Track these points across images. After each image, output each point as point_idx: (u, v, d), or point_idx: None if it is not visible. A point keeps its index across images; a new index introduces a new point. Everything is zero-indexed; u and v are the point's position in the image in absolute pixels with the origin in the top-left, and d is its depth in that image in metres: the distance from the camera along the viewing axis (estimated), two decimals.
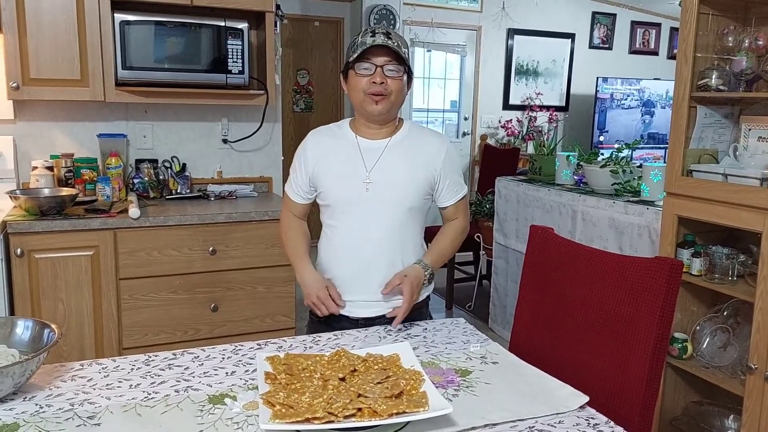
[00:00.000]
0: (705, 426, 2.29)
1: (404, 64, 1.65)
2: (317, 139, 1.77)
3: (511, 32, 6.17)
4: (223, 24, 2.76)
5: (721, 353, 2.24)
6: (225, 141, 3.20)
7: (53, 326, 1.33)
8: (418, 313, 1.76)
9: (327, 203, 1.73)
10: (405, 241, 1.71)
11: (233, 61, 2.79)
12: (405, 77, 1.67)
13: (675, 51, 6.74)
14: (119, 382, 1.31)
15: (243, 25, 2.80)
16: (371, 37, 1.62)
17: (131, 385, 1.29)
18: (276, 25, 2.95)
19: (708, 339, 2.28)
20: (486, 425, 1.16)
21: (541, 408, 1.22)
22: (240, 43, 2.79)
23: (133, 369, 1.37)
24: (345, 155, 1.70)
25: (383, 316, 1.70)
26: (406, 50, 1.66)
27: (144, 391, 1.27)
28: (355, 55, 1.62)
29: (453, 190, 1.75)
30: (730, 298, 2.21)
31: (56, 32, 2.57)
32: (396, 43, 1.62)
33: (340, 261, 1.72)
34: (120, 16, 2.62)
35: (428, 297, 1.82)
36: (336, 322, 1.72)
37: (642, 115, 6.27)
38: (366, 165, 1.68)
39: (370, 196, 1.66)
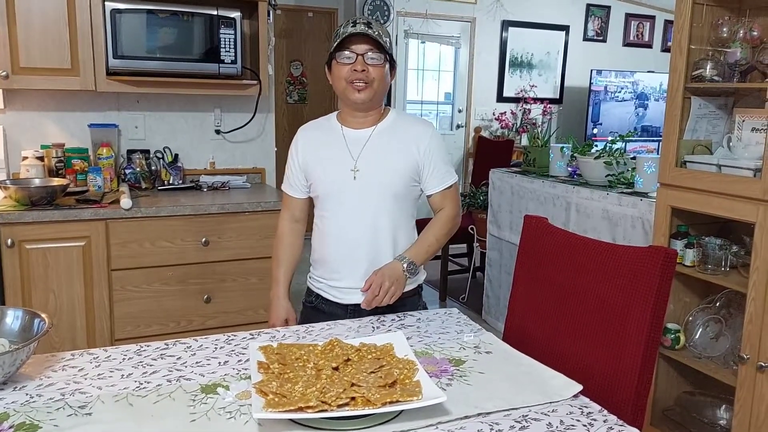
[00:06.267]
0: (697, 416, 2.30)
1: (385, 53, 1.66)
2: (306, 133, 1.81)
3: (506, 24, 6.15)
4: (215, 13, 2.74)
5: (713, 344, 2.25)
6: (218, 131, 3.18)
7: (43, 316, 1.32)
8: (409, 302, 1.77)
9: (317, 194, 1.76)
10: (394, 228, 1.71)
11: (226, 51, 2.77)
12: (387, 66, 1.68)
13: (669, 44, 6.71)
14: (111, 371, 1.30)
15: (235, 14, 2.77)
16: (352, 26, 1.64)
17: (123, 375, 1.29)
18: (269, 15, 2.92)
19: (700, 330, 2.28)
20: (479, 414, 1.15)
21: (535, 397, 1.22)
22: (232, 32, 2.77)
23: (124, 359, 1.36)
24: (331, 146, 1.73)
25: None
26: (387, 39, 1.67)
27: (136, 381, 1.26)
28: (335, 44, 1.65)
29: (438, 177, 1.74)
30: (723, 288, 2.21)
31: (46, 20, 2.54)
32: (376, 32, 1.64)
33: (329, 248, 1.74)
34: (110, 5, 2.59)
35: (420, 287, 1.82)
36: (328, 309, 1.76)
37: (635, 108, 6.27)
38: (352, 154, 1.70)
39: (357, 184, 1.69)
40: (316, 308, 1.80)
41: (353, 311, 1.72)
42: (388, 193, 1.69)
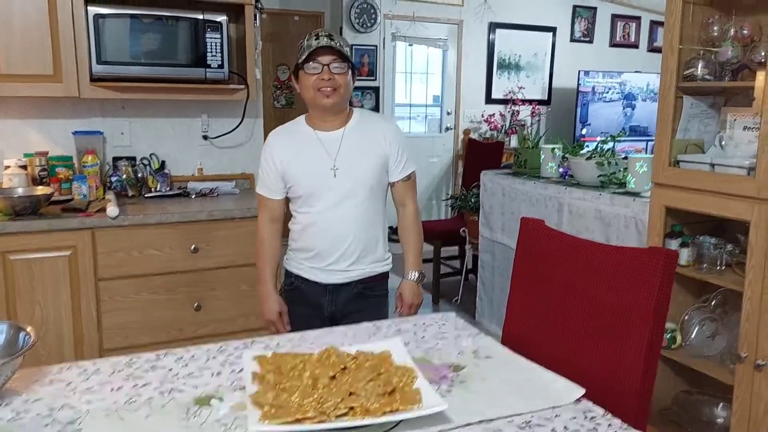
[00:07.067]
0: (695, 415, 2.29)
1: (348, 61, 1.82)
2: (279, 138, 1.93)
3: (493, 26, 6.16)
4: (201, 17, 2.70)
5: (709, 343, 2.24)
6: (205, 137, 3.13)
7: (29, 329, 1.28)
8: (380, 285, 1.96)
9: (299, 194, 1.89)
10: (369, 217, 1.88)
11: (212, 55, 2.73)
12: (349, 72, 1.84)
13: (655, 44, 6.78)
14: (100, 385, 1.26)
15: (222, 18, 2.74)
16: (316, 40, 1.79)
17: (113, 389, 1.25)
18: (255, 18, 2.89)
19: (696, 329, 2.27)
20: (481, 421, 1.13)
21: (537, 402, 1.20)
22: (219, 36, 2.73)
23: (114, 371, 1.33)
24: (309, 150, 1.86)
25: (350, 283, 1.90)
26: (348, 48, 1.84)
27: (126, 395, 1.22)
28: (303, 57, 1.80)
29: (401, 164, 1.92)
30: (718, 287, 2.20)
31: (27, 26, 2.48)
32: (338, 44, 1.80)
33: (312, 238, 1.89)
34: (93, 9, 2.54)
35: (386, 274, 1.98)
36: (307, 288, 1.93)
37: (623, 108, 6.29)
38: (330, 154, 1.85)
39: (337, 181, 1.84)
40: (296, 289, 1.96)
41: (332, 291, 1.90)
42: (366, 185, 1.86)
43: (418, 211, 2.01)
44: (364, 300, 1.92)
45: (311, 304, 1.93)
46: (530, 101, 6.29)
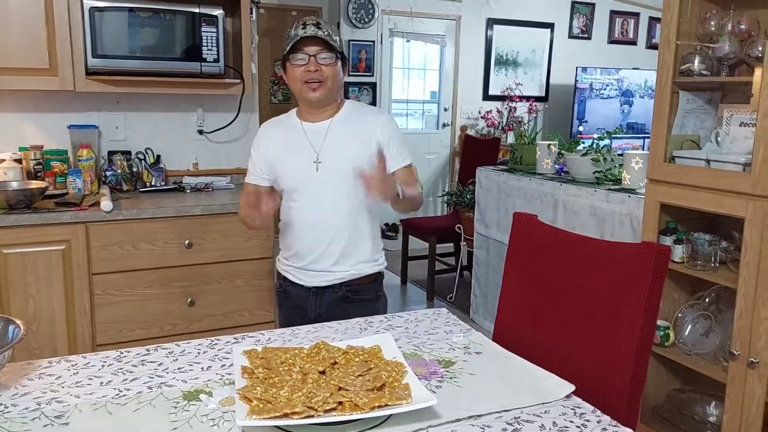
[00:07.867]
0: (687, 413, 2.29)
1: (336, 52, 1.76)
2: (267, 130, 1.91)
3: (491, 22, 6.14)
4: (197, 10, 2.68)
5: (702, 340, 2.24)
6: (200, 132, 3.12)
7: (18, 322, 1.27)
8: (369, 288, 1.87)
9: (283, 187, 1.85)
10: (358, 215, 1.81)
11: (208, 49, 2.72)
12: (339, 63, 1.78)
13: (654, 41, 6.76)
14: (89, 379, 1.26)
15: (218, 12, 2.72)
16: (302, 29, 1.73)
17: (102, 383, 1.24)
18: (251, 12, 2.88)
19: (690, 326, 2.27)
20: (471, 416, 1.13)
21: (527, 398, 1.19)
22: (215, 30, 2.72)
23: (104, 366, 1.32)
24: (293, 141, 1.82)
25: (334, 285, 1.83)
26: (337, 38, 1.77)
27: (115, 389, 1.22)
28: (288, 47, 1.74)
29: (398, 157, 1.82)
30: (712, 284, 2.20)
31: (23, 18, 2.47)
32: (326, 33, 1.73)
33: (297, 235, 1.84)
34: (89, 2, 2.53)
35: (381, 274, 1.91)
36: (293, 290, 1.88)
37: (621, 105, 6.28)
38: (314, 146, 1.80)
39: (320, 175, 1.78)
40: (284, 291, 1.92)
41: (315, 293, 1.84)
42: (351, 180, 1.69)
43: (420, 193, 1.82)
44: (350, 304, 1.82)
45: (298, 308, 1.87)
46: (528, 98, 6.28)
